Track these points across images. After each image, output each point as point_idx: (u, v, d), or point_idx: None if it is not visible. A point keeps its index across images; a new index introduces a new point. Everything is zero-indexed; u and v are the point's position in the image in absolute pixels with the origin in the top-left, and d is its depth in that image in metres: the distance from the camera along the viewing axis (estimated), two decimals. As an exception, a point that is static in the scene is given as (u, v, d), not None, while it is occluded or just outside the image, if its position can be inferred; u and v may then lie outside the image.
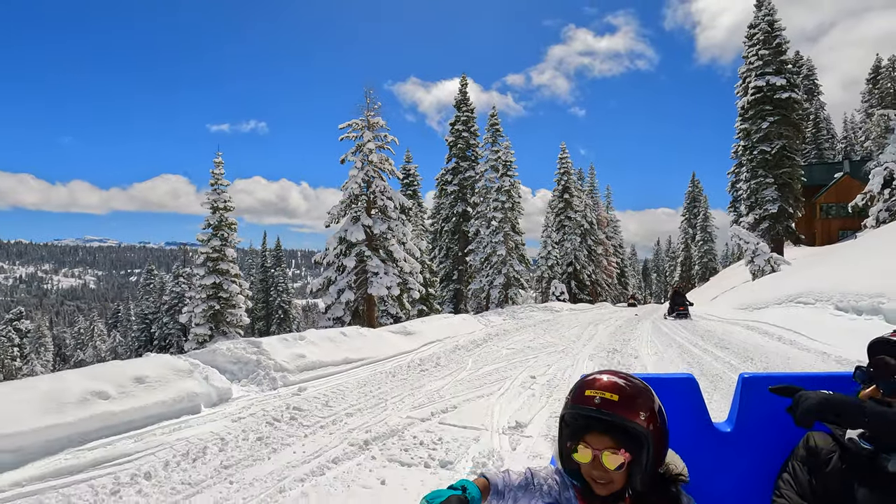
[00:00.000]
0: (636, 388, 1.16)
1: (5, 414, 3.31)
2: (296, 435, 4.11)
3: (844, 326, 10.20)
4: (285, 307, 55.93)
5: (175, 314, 53.74)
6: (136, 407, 4.03)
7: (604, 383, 1.16)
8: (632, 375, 1.22)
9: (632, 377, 1.20)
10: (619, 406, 1.11)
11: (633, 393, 1.15)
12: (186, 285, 54.50)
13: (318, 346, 6.83)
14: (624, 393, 1.13)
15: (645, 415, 1.13)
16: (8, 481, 3.00)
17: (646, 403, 1.15)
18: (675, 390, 1.60)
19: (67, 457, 3.39)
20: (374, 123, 17.37)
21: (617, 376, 1.18)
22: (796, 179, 30.10)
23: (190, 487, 3.12)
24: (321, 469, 3.39)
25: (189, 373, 4.76)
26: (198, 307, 19.10)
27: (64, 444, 3.45)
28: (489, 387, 5.86)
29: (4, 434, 3.18)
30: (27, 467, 3.19)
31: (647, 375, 1.53)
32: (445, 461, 3.48)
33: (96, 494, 2.97)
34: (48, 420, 3.44)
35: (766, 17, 30.39)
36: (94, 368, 4.47)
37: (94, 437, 3.65)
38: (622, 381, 1.17)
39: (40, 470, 3.16)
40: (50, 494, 2.93)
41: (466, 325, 12.43)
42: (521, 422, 4.34)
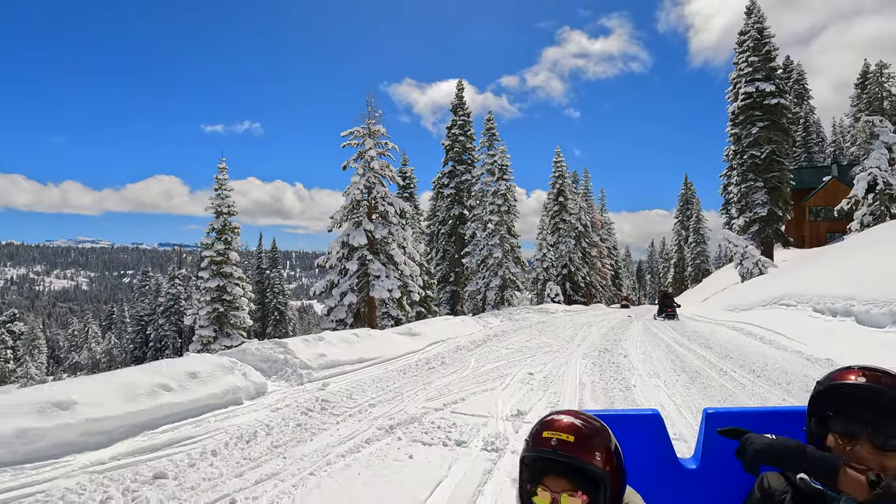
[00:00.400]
0: (593, 428, 1.20)
1: (96, 402, 3.99)
2: (329, 422, 4.82)
3: (820, 327, 11.02)
4: (281, 309, 56.43)
5: (171, 316, 54.12)
6: (193, 398, 4.73)
7: (561, 425, 1.19)
8: (591, 416, 1.26)
9: (590, 418, 1.24)
10: (575, 447, 1.15)
11: (590, 434, 1.18)
12: (182, 287, 54.92)
13: (336, 346, 7.55)
14: (580, 434, 1.17)
15: (601, 455, 1.16)
16: (106, 456, 3.70)
17: (602, 444, 1.18)
18: (639, 426, 1.63)
19: (145, 438, 4.09)
20: (375, 131, 18.07)
21: (575, 417, 1.22)
22: (785, 183, 31.05)
23: (250, 462, 3.83)
24: (357, 448, 4.11)
25: (231, 370, 5.47)
26: (202, 309, 19.72)
27: (141, 427, 4.15)
28: (492, 382, 6.60)
29: (98, 418, 3.88)
30: (117, 445, 3.89)
31: (611, 412, 1.66)
32: (460, 441, 4.20)
33: (177, 467, 3.67)
34: (128, 408, 4.13)
35: (755, 25, 31.34)
36: (154, 365, 5.16)
37: (162, 422, 4.35)
38: (579, 422, 1.20)
39: (127, 448, 3.86)
40: (141, 467, 3.63)
41: (466, 327, 13.18)
42: (521, 410, 5.08)
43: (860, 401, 1.16)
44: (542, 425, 1.21)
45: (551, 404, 5.44)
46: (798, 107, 43.36)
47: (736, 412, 1.65)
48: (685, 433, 4.40)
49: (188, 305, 54.88)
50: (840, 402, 1.19)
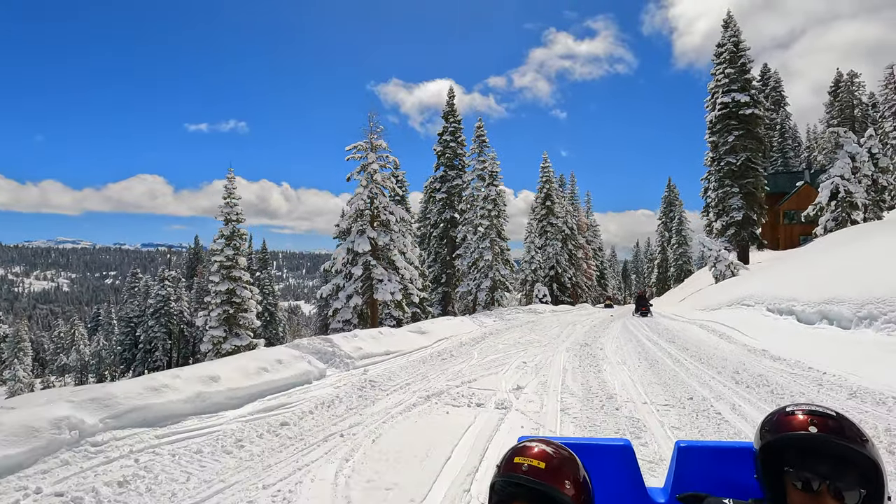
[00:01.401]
0: (563, 457, 1.24)
1: (230, 378, 5.89)
2: (380, 394, 6.77)
3: (769, 325, 13.19)
4: (272, 310, 57.83)
5: (160, 318, 55.21)
6: (282, 377, 6.63)
7: (532, 452, 1.22)
8: (561, 445, 1.29)
9: (561, 447, 1.28)
10: (545, 474, 1.18)
11: (560, 462, 1.22)
12: (172, 288, 56.02)
13: (367, 341, 9.49)
14: (551, 461, 1.20)
15: (570, 484, 1.19)
16: (244, 412, 5.61)
17: (571, 473, 1.21)
18: (609, 456, 1.66)
19: (261, 403, 6.00)
20: (377, 145, 19.97)
21: (547, 445, 1.26)
22: (760, 189, 33.57)
23: (338, 417, 5.75)
24: (408, 409, 6.05)
25: (301, 358, 7.38)
26: (213, 311, 21.43)
27: (257, 395, 6.05)
28: (494, 368, 8.59)
29: (234, 388, 5.78)
30: (245, 407, 5.79)
31: (582, 441, 1.72)
32: (479, 403, 6.17)
33: (292, 419, 5.58)
34: (248, 382, 6.03)
35: (731, 38, 33.77)
36: (253, 353, 7.05)
37: (267, 393, 6.26)
38: (550, 449, 1.24)
39: (254, 408, 5.77)
40: (270, 419, 5.54)
41: (465, 326, 15.18)
42: (520, 385, 7.07)
43: (817, 454, 1.16)
44: (513, 452, 1.25)
45: (542, 382, 7.44)
46: (775, 113, 46.11)
47: (707, 446, 1.66)
48: (634, 398, 6.41)
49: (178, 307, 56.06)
50: (796, 457, 1.18)
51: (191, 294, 57.97)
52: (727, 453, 1.62)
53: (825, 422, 1.17)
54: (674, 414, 5.67)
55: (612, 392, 6.76)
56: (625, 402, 6.23)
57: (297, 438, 4.97)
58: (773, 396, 6.32)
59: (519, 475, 1.18)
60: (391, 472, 4.14)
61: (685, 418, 5.48)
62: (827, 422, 1.16)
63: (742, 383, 7.09)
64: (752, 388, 6.81)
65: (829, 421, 1.16)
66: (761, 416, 5.15)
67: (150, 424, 4.73)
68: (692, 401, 6.20)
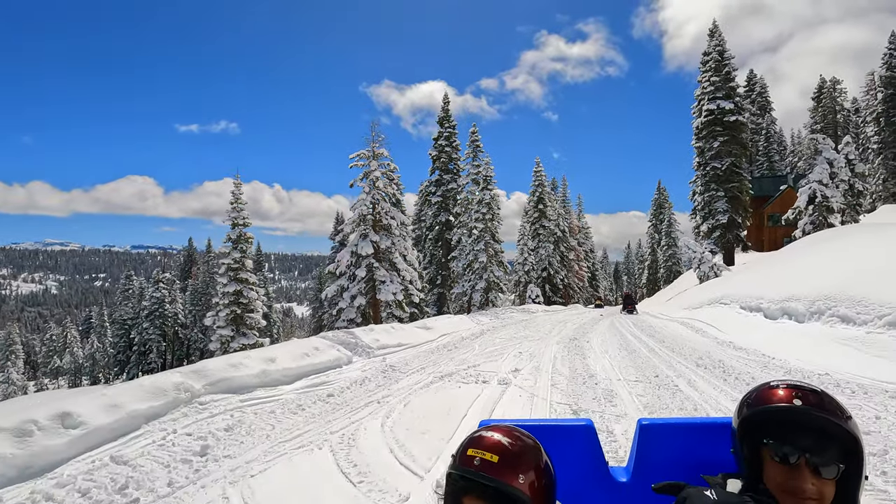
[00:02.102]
0: (521, 447, 1.20)
1: (282, 359, 7.34)
2: (401, 376, 8.24)
3: (740, 321, 14.78)
4: (266, 312, 58.90)
5: (155, 320, 56.14)
6: (319, 361, 8.10)
7: (487, 443, 1.19)
8: (522, 432, 1.26)
9: (521, 434, 1.25)
10: (498, 469, 1.15)
11: (516, 453, 1.18)
12: (167, 290, 56.98)
13: (382, 335, 10.96)
14: (506, 454, 1.17)
15: (525, 477, 1.16)
16: (297, 386, 7.07)
17: (529, 463, 1.19)
18: (571, 437, 1.68)
19: (307, 381, 7.45)
20: (378, 154, 21.43)
21: (504, 434, 1.22)
22: (744, 193, 35.39)
23: (370, 391, 7.22)
24: (426, 385, 7.53)
25: (332, 346, 8.84)
26: (221, 311, 22.76)
27: (302, 375, 7.50)
28: (494, 357, 10.09)
29: (287, 367, 7.24)
30: (296, 383, 7.24)
31: (543, 422, 1.74)
32: (484, 381, 7.66)
33: (334, 391, 7.04)
34: (295, 363, 7.49)
35: (716, 48, 35.59)
36: (296, 342, 8.49)
37: (310, 373, 7.72)
38: (507, 440, 1.20)
39: (303, 384, 7.22)
40: (317, 391, 7.00)
41: (464, 324, 16.69)
42: (517, 368, 8.58)
43: (798, 426, 1.15)
44: (469, 442, 1.22)
45: (535, 367, 8.94)
46: (761, 118, 48.08)
47: (669, 423, 1.68)
48: (611, 376, 7.93)
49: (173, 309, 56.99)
50: (777, 429, 1.17)
51: (185, 296, 59.00)
52: (689, 430, 1.63)
53: (808, 395, 1.17)
54: (641, 387, 7.20)
55: (593, 372, 8.28)
56: (603, 379, 7.76)
57: (343, 405, 6.44)
58: (724, 375, 7.86)
59: (471, 470, 1.16)
60: (422, 424, 5.62)
61: (649, 389, 7.01)
62: (809, 395, 1.17)
63: (702, 366, 8.64)
64: (710, 369, 8.36)
65: (812, 395, 1.17)
66: (709, 388, 6.74)
67: (234, 392, 6.19)
68: (657, 378, 7.74)
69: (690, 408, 5.97)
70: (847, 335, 9.42)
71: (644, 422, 1.70)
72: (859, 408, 5.69)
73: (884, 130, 43.16)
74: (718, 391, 6.78)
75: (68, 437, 4.16)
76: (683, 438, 1.61)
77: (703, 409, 5.87)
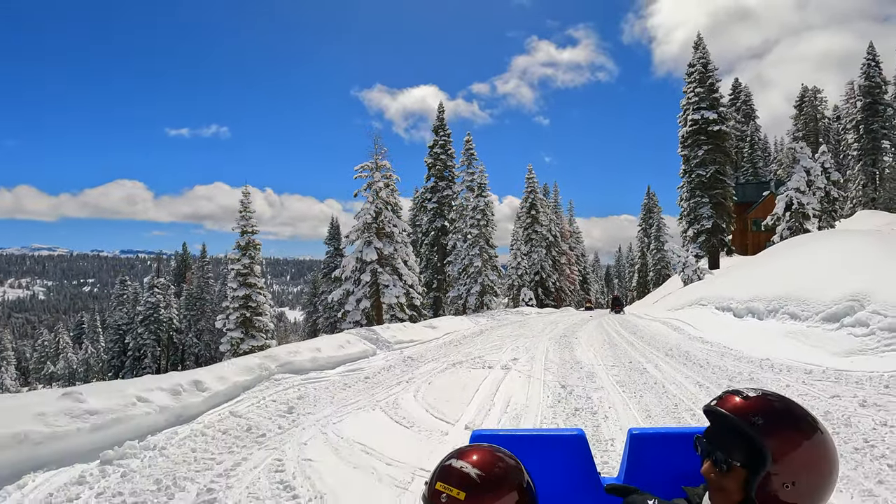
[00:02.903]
0: (495, 475, 1.16)
1: (325, 350, 9.15)
2: (420, 364, 10.07)
3: (713, 320, 16.74)
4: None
5: (150, 325, 57.31)
6: (351, 353, 9.92)
7: (457, 476, 1.15)
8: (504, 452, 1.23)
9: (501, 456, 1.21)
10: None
11: (488, 484, 1.14)
12: (161, 295, 58.15)
13: (398, 332, 12.80)
14: (474, 489, 1.13)
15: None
16: (336, 372, 8.89)
17: (503, 493, 1.15)
18: (563, 447, 1.71)
19: (344, 368, 9.27)
20: (381, 165, 23.25)
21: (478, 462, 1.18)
22: (728, 199, 37.62)
23: (397, 375, 9.05)
24: (442, 370, 9.37)
25: (359, 341, 10.66)
26: (231, 315, 24.43)
27: (339, 363, 9.32)
28: (496, 350, 11.96)
29: (330, 356, 9.04)
30: (337, 369, 9.05)
31: (536, 432, 1.78)
32: (489, 366, 9.52)
33: (368, 375, 8.86)
34: (334, 353, 9.30)
35: (700, 60, 37.83)
36: (330, 336, 10.29)
37: (346, 362, 9.54)
38: (478, 470, 1.16)
39: (342, 370, 9.04)
40: (355, 375, 8.82)
41: (465, 324, 18.55)
42: (516, 358, 10.45)
43: (714, 423, 1.25)
44: (439, 472, 1.18)
45: (531, 357, 10.80)
46: (745, 125, 50.50)
47: (660, 433, 1.73)
48: (594, 363, 9.82)
49: (168, 314, 58.19)
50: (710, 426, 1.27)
51: (180, 301, 60.27)
52: (680, 439, 1.67)
53: (730, 397, 1.22)
54: (617, 370, 9.09)
55: (579, 360, 10.18)
56: (587, 365, 9.64)
57: (379, 384, 8.27)
58: (686, 361, 9.77)
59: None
60: (445, 395, 7.45)
61: (623, 371, 8.90)
62: (731, 397, 1.22)
63: (670, 356, 10.56)
64: (675, 357, 10.28)
65: (735, 398, 1.21)
66: (671, 370, 8.73)
67: (295, 372, 8.00)
68: (631, 363, 9.64)
69: (652, 382, 7.86)
70: (793, 329, 11.38)
71: (634, 431, 1.75)
72: (779, 381, 7.61)
73: (863, 138, 45.73)
74: (677, 372, 8.69)
75: (201, 397, 5.93)
76: (674, 448, 1.66)
77: (662, 384, 7.76)
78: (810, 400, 6.32)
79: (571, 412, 6.31)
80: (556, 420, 6.01)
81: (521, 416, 6.26)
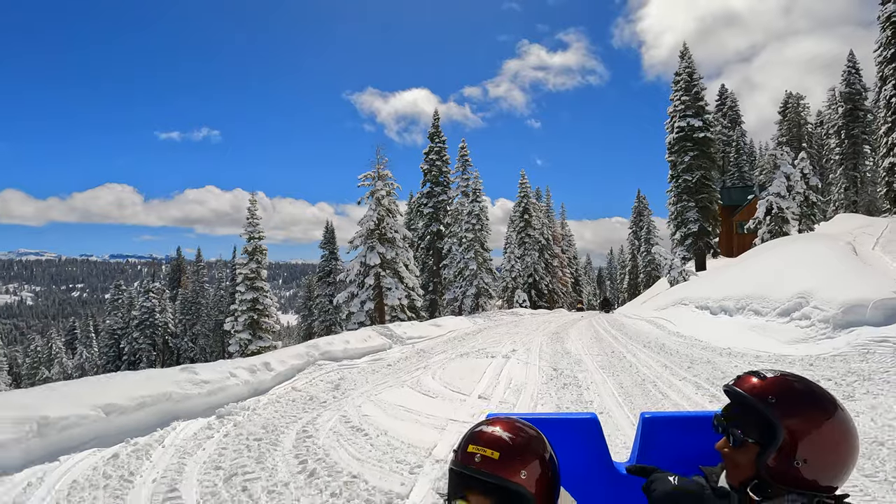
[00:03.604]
0: (523, 440, 1.25)
1: (353, 342, 10.92)
2: (432, 355, 11.87)
3: (692, 317, 18.65)
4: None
5: (145, 329, 58.50)
6: (373, 345, 11.71)
7: (488, 438, 1.23)
8: (525, 424, 1.31)
9: (523, 427, 1.29)
10: (500, 465, 1.19)
11: (517, 449, 1.22)
12: (157, 300, 59.38)
13: (408, 329, 14.60)
14: (507, 450, 1.21)
15: (527, 472, 1.21)
16: (363, 360, 10.67)
17: (530, 458, 1.23)
18: (576, 430, 1.79)
19: (369, 358, 11.05)
20: (383, 175, 25.02)
21: (505, 429, 1.26)
22: (714, 203, 39.75)
23: (415, 363, 10.83)
24: (452, 359, 11.17)
25: (378, 336, 12.44)
26: (240, 317, 26.06)
27: (364, 353, 11.10)
28: (496, 343, 13.78)
29: (357, 347, 10.81)
30: (363, 358, 10.84)
31: (549, 416, 1.87)
32: (492, 356, 11.33)
33: (390, 363, 10.64)
34: (360, 345, 11.08)
35: (686, 69, 39.96)
36: (354, 331, 12.05)
37: (369, 353, 11.33)
38: (509, 434, 1.24)
39: (368, 359, 10.83)
40: (378, 363, 10.60)
41: (465, 323, 20.37)
42: (514, 349, 12.29)
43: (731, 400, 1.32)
44: (470, 437, 1.26)
45: (527, 349, 12.62)
46: (731, 130, 52.80)
47: (671, 417, 1.82)
48: (581, 353, 11.66)
49: (163, 318, 59.42)
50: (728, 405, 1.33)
51: (175, 305, 61.54)
52: (691, 423, 1.75)
53: (747, 378, 1.30)
54: (600, 357, 10.93)
55: (569, 351, 12.02)
56: (575, 354, 11.48)
57: (402, 369, 10.05)
58: (659, 350, 11.63)
59: (472, 467, 1.20)
60: (458, 376, 9.24)
61: (605, 358, 10.74)
62: (748, 378, 1.30)
63: (647, 347, 12.43)
64: (651, 348, 12.15)
65: (752, 378, 1.29)
66: (645, 357, 10.71)
67: (332, 360, 9.79)
68: (613, 353, 11.50)
69: (628, 366, 9.71)
70: (755, 323, 13.28)
71: (646, 415, 1.82)
72: (731, 364, 9.48)
73: (844, 142, 48.05)
74: (650, 358, 10.55)
75: (270, 375, 7.68)
76: (685, 431, 1.73)
77: (636, 367, 9.59)
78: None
79: (561, 386, 8.14)
80: (549, 391, 7.84)
81: (522, 389, 8.07)
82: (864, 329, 9.38)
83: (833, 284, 11.25)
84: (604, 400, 7.14)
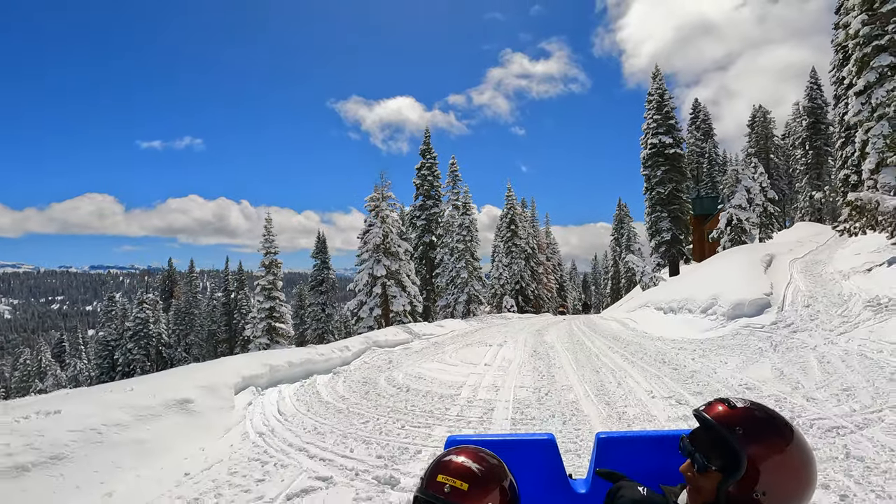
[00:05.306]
0: (488, 470, 1.40)
1: (388, 336, 15.67)
2: (445, 346, 16.72)
3: (653, 318, 23.65)
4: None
5: (139, 340, 62.36)
6: (401, 339, 16.54)
7: (455, 469, 1.38)
8: (486, 453, 1.47)
9: (487, 456, 1.45)
10: (468, 496, 1.33)
11: (484, 478, 1.37)
12: (150, 311, 63.27)
13: (422, 328, 19.44)
14: (474, 480, 1.35)
15: (492, 500, 1.36)
16: (397, 349, 15.49)
17: (494, 486, 1.38)
18: (533, 451, 1.92)
19: (400, 348, 15.86)
20: (386, 196, 29.83)
21: (469, 459, 1.41)
22: (685, 213, 45.20)
23: (434, 351, 15.66)
24: (460, 348, 16.03)
25: (403, 332, 17.20)
26: (259, 324, 30.60)
27: (396, 344, 15.91)
28: (491, 338, 18.71)
29: (399, 339, 15.60)
30: (396, 348, 15.65)
31: (507, 437, 2.03)
32: (489, 345, 16.21)
33: (417, 350, 15.46)
34: (393, 338, 15.86)
35: (657, 90, 45.42)
36: (385, 328, 16.78)
37: (399, 344, 16.14)
38: (474, 465, 1.39)
39: (399, 349, 15.65)
40: (407, 351, 15.43)
41: (462, 325, 25.23)
42: (506, 341, 17.18)
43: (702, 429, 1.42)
44: (436, 466, 1.39)
45: (515, 341, 17.48)
46: (704, 142, 58.54)
47: (627, 437, 1.93)
48: (556, 343, 16.59)
49: (157, 329, 63.27)
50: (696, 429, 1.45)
51: (168, 316, 65.31)
52: (646, 442, 1.87)
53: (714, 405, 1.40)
54: (569, 345, 15.83)
55: (546, 341, 16.93)
56: (551, 344, 16.38)
57: (427, 354, 14.85)
58: (612, 340, 16.56)
59: (441, 498, 1.32)
60: (468, 356, 14.09)
61: (571, 345, 15.66)
62: (715, 405, 1.40)
63: (605, 337, 17.38)
64: (607, 338, 17.09)
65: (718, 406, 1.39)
66: (600, 344, 15.99)
67: (379, 346, 14.60)
68: (578, 343, 16.41)
69: (585, 349, 14.61)
70: (687, 319, 18.30)
71: (602, 435, 1.93)
72: (655, 345, 14.43)
73: (808, 153, 54.02)
74: (602, 343, 15.50)
75: (349, 353, 12.48)
76: (640, 451, 1.84)
77: (589, 348, 14.49)
78: (670, 351, 13.18)
79: (538, 359, 13.02)
80: (530, 362, 12.67)
81: (512, 361, 12.91)
82: (743, 319, 14.44)
83: (732, 289, 16.34)
84: (563, 365, 12.05)
